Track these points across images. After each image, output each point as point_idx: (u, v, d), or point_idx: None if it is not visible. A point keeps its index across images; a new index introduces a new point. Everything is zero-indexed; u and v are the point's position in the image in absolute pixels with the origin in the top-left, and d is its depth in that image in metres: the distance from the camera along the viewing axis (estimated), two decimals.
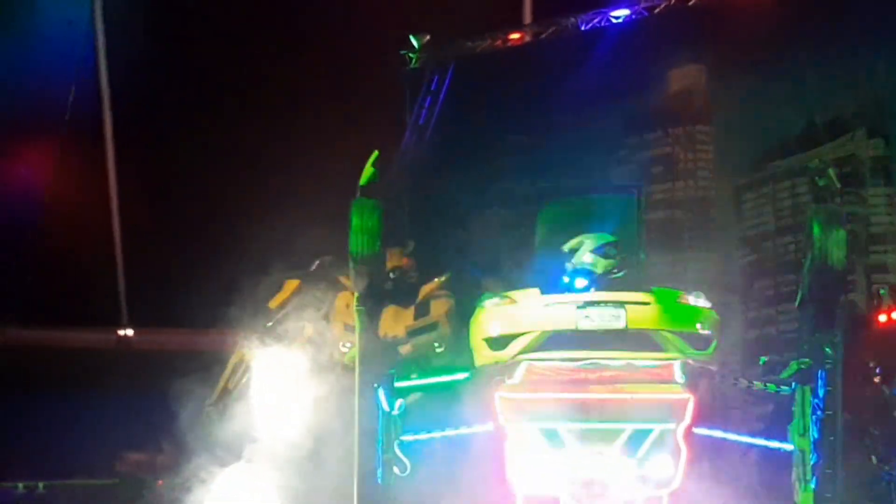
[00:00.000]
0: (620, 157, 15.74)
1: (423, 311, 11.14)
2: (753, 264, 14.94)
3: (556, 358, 8.66)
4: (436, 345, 10.97)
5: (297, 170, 15.00)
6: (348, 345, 11.16)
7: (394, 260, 11.42)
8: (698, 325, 8.70)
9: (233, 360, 11.91)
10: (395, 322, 11.10)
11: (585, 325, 8.53)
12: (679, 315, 8.70)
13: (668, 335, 8.62)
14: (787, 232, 15.03)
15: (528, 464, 8.94)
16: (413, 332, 10.99)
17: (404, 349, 10.98)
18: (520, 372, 8.82)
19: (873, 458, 10.85)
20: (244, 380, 11.86)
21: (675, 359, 8.69)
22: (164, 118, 15.64)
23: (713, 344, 8.80)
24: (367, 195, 8.95)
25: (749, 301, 14.79)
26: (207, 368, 12.63)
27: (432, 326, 11.10)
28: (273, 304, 11.80)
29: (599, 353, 8.57)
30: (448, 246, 14.79)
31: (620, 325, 8.52)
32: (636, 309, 8.60)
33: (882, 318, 11.57)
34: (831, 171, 8.86)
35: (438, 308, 11.09)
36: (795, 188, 15.18)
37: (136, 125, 15.74)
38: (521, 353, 8.72)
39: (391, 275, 11.31)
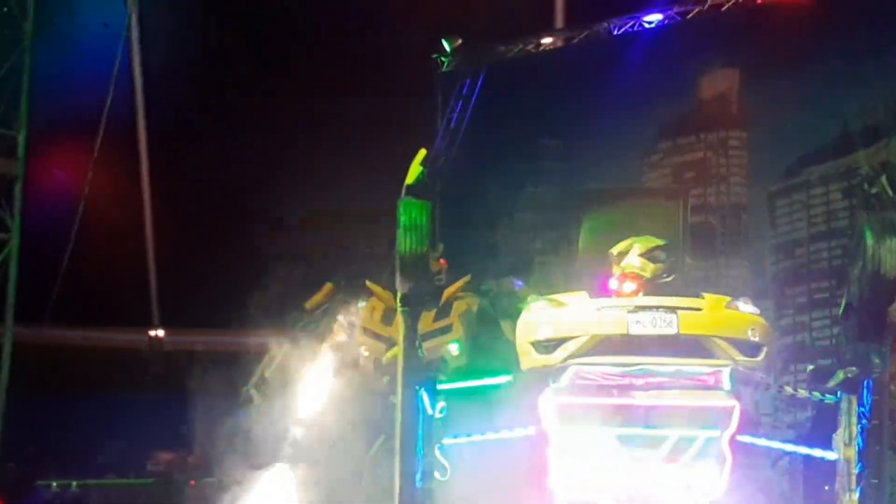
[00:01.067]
0: (653, 162, 15.68)
1: (445, 313, 10.85)
2: (786, 271, 14.84)
3: (607, 363, 8.52)
4: (452, 348, 10.68)
5: (328, 174, 14.93)
6: (367, 351, 11.10)
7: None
8: (749, 332, 8.54)
9: (271, 353, 11.85)
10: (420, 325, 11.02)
11: (637, 329, 8.38)
12: (730, 321, 8.55)
13: (720, 342, 8.46)
14: (820, 238, 14.90)
15: (571, 469, 8.82)
16: (426, 336, 10.59)
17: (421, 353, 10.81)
18: (567, 376, 8.68)
19: None
20: (281, 371, 11.89)
21: (725, 366, 8.54)
22: (197, 121, 15.60)
23: (763, 351, 8.66)
24: (415, 194, 8.81)
25: (782, 308, 14.69)
26: (238, 369, 12.61)
27: (446, 329, 10.79)
28: (309, 304, 11.80)
29: (651, 359, 8.43)
30: (478, 248, 14.71)
31: (673, 330, 8.36)
32: (688, 314, 8.44)
33: None
34: (884, 180, 8.70)
35: (456, 310, 10.83)
36: (829, 195, 15.05)
37: (170, 129, 15.70)
38: (570, 357, 8.56)
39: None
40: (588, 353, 8.51)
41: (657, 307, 8.41)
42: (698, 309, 8.51)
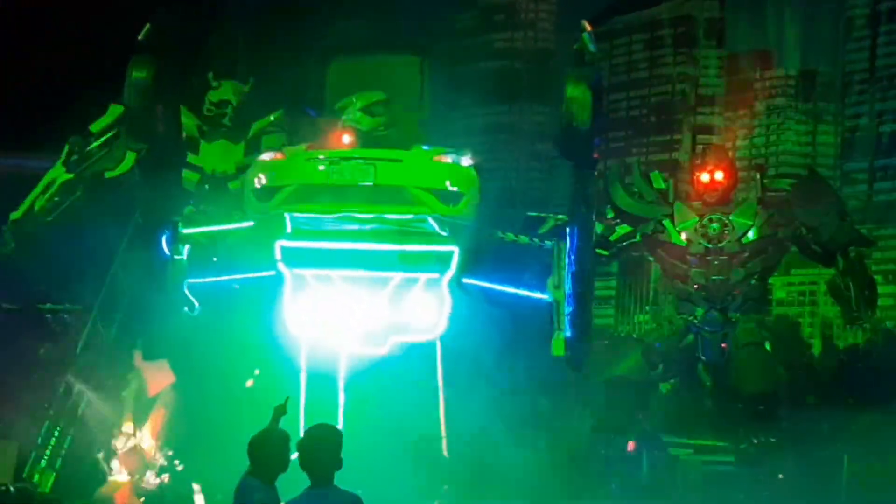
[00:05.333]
0: (462, 3, 17.15)
1: (254, 147, 12.00)
2: None
3: (313, 211, 10.13)
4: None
5: None
6: None
7: (228, 94, 12.36)
8: (447, 183, 10.16)
9: (44, 181, 12.31)
10: (224, 158, 12.06)
11: (336, 179, 9.97)
12: (430, 172, 10.14)
13: (417, 191, 10.08)
14: (619, 88, 16.69)
15: (304, 307, 10.49)
16: (243, 168, 11.68)
17: (234, 185, 11.83)
18: (287, 223, 10.36)
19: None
20: (55, 202, 12.31)
21: (423, 213, 10.17)
22: None
23: (463, 200, 10.25)
24: (146, 51, 10.05)
25: None
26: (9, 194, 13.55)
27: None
28: (94, 127, 12.22)
29: (350, 207, 10.06)
30: (285, 84, 16.06)
31: (369, 180, 9.97)
32: (387, 166, 10.02)
33: (704, 177, 13.01)
34: (585, 36, 10.10)
35: (265, 144, 11.83)
36: (632, 45, 16.78)
37: None
38: (282, 204, 10.17)
39: (225, 109, 12.24)
40: (297, 201, 10.12)
41: (357, 158, 10.06)
42: (398, 161, 10.10)
